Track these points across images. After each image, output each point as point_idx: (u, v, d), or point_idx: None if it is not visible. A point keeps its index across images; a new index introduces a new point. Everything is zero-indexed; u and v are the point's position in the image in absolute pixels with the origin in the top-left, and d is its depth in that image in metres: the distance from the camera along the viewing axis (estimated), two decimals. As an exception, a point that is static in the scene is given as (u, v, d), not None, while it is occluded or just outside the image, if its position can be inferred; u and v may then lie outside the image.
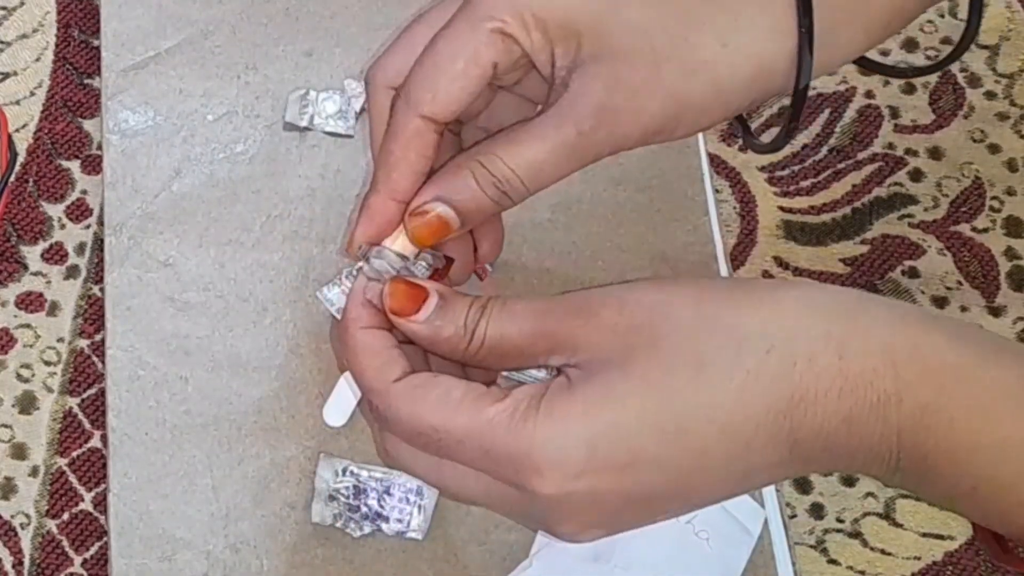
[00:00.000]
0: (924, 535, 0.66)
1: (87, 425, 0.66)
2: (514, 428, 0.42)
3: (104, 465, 0.64)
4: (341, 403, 0.63)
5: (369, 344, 0.46)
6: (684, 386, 0.41)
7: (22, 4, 0.74)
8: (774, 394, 0.41)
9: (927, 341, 0.41)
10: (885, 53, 0.77)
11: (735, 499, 0.57)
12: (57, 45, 0.74)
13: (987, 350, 0.42)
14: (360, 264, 0.49)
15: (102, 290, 0.67)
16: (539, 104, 0.50)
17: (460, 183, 0.46)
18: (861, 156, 0.75)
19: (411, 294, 0.46)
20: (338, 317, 0.52)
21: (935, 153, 0.75)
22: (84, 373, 0.67)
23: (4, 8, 0.74)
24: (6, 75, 0.73)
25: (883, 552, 0.66)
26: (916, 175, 0.75)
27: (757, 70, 0.45)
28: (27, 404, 0.66)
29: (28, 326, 0.68)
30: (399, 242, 0.48)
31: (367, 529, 0.62)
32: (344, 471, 0.63)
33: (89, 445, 0.66)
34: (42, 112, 0.72)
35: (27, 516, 0.65)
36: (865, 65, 0.52)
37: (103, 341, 0.66)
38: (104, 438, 0.64)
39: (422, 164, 0.47)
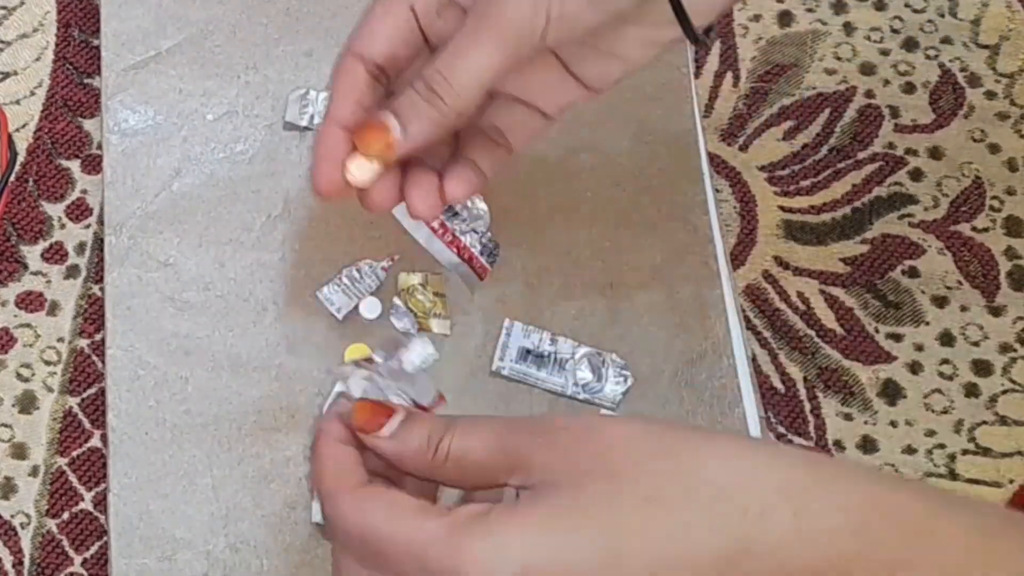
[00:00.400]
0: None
1: (87, 425, 0.66)
2: (451, 543, 0.41)
3: (104, 465, 0.64)
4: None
5: (331, 455, 0.48)
6: (629, 517, 0.41)
7: (22, 4, 0.74)
8: (721, 539, 0.40)
9: (892, 499, 0.41)
10: (885, 53, 0.77)
11: None
12: (57, 45, 0.74)
13: (945, 504, 0.42)
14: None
15: (102, 290, 0.67)
16: (540, 111, 0.56)
17: (406, 97, 0.51)
18: (861, 156, 0.75)
19: (376, 411, 0.48)
20: (339, 317, 0.54)
21: (935, 153, 0.75)
22: (84, 373, 0.67)
23: (4, 8, 0.74)
24: (6, 75, 0.73)
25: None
26: (916, 175, 0.75)
27: None
28: (27, 404, 0.66)
29: (28, 326, 0.68)
30: (356, 162, 0.52)
31: (367, 529, 0.62)
32: (344, 471, 0.63)
33: (89, 445, 0.66)
34: (42, 112, 0.72)
35: (27, 516, 0.65)
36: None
37: (103, 341, 0.66)
38: (104, 438, 0.64)
39: (357, 94, 0.52)
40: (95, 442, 0.66)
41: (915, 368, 0.71)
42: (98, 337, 0.67)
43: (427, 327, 0.66)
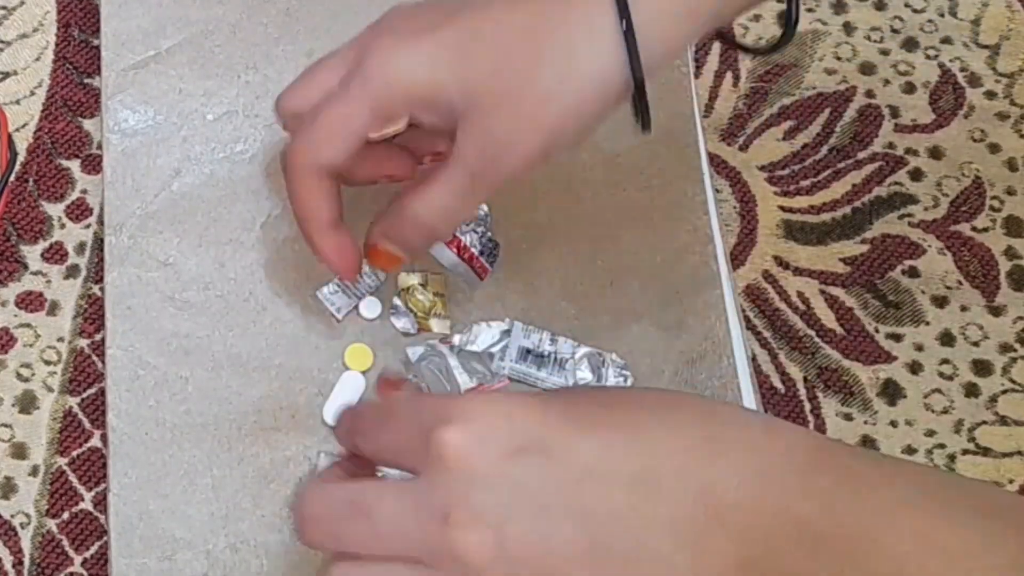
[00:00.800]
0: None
1: (87, 424, 0.66)
2: (449, 400, 0.50)
3: (104, 464, 0.64)
4: (341, 402, 0.64)
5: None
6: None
7: (22, 3, 0.74)
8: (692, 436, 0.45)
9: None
10: (885, 53, 0.77)
11: None
12: (57, 44, 0.74)
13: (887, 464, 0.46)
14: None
15: (102, 289, 0.67)
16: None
17: (393, 221, 0.56)
18: (861, 156, 0.75)
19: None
20: (339, 317, 0.61)
21: (935, 153, 0.75)
22: (84, 372, 0.67)
23: (4, 8, 0.74)
24: (6, 74, 0.73)
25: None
26: (916, 175, 0.75)
27: (599, 83, 0.52)
28: (27, 403, 0.66)
29: (28, 325, 0.68)
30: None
31: (367, 529, 0.62)
32: (344, 471, 0.63)
33: (89, 444, 0.66)
34: (42, 111, 0.72)
35: (27, 515, 0.65)
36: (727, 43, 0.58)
37: (103, 340, 0.66)
38: (104, 437, 0.64)
39: (330, 201, 0.57)
40: (95, 442, 0.66)
41: (915, 368, 0.71)
42: (98, 337, 0.67)
43: (427, 327, 0.66)
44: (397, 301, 0.66)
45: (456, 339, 0.65)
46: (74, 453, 0.66)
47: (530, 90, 0.52)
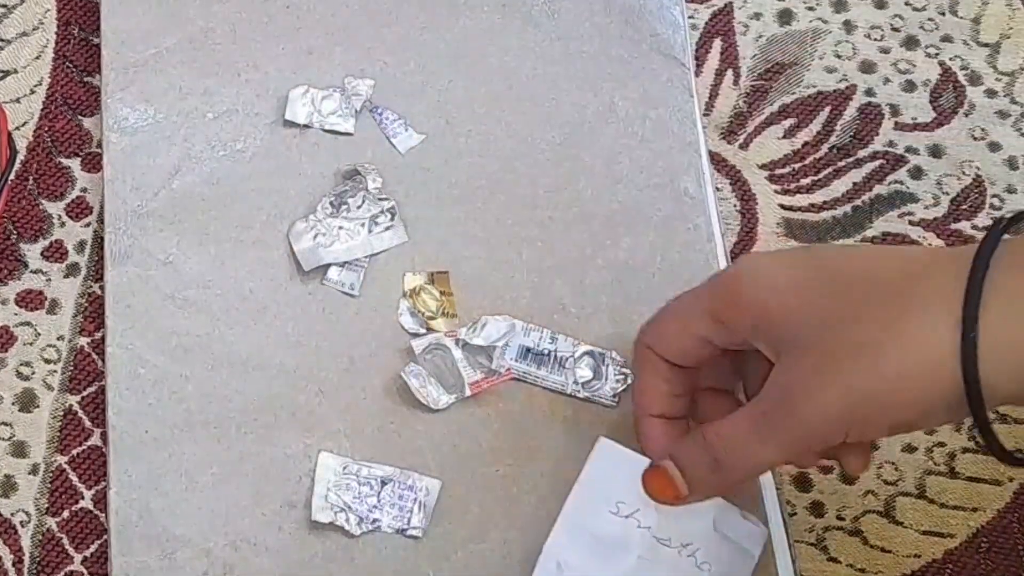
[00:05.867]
0: (924, 533, 0.66)
1: (87, 423, 0.66)
2: None
3: (104, 463, 0.64)
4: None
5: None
6: None
7: (22, 2, 0.74)
8: None
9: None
10: (886, 51, 0.77)
11: (735, 522, 0.59)
12: (57, 43, 0.74)
13: None
14: None
15: (102, 288, 0.67)
16: None
17: (685, 446, 0.53)
18: (862, 154, 0.75)
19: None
20: (355, 293, 0.62)
21: (936, 151, 0.75)
22: (84, 371, 0.67)
23: (4, 6, 0.74)
24: (6, 73, 0.73)
25: (883, 550, 0.66)
26: (916, 173, 0.74)
27: (924, 359, 0.46)
28: (27, 402, 0.66)
29: (28, 324, 0.68)
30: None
31: (367, 527, 0.62)
32: (344, 469, 0.63)
33: (89, 443, 0.66)
34: (42, 110, 0.72)
35: (27, 514, 0.65)
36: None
37: (103, 339, 0.66)
38: (104, 436, 0.64)
39: (661, 389, 0.55)
40: (95, 440, 0.66)
41: (915, 366, 0.71)
42: (98, 335, 0.67)
43: (436, 327, 0.66)
44: (404, 302, 0.66)
45: (461, 332, 0.65)
46: (74, 451, 0.66)
47: (852, 335, 0.47)
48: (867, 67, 0.77)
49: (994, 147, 0.75)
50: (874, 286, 0.48)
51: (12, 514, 0.65)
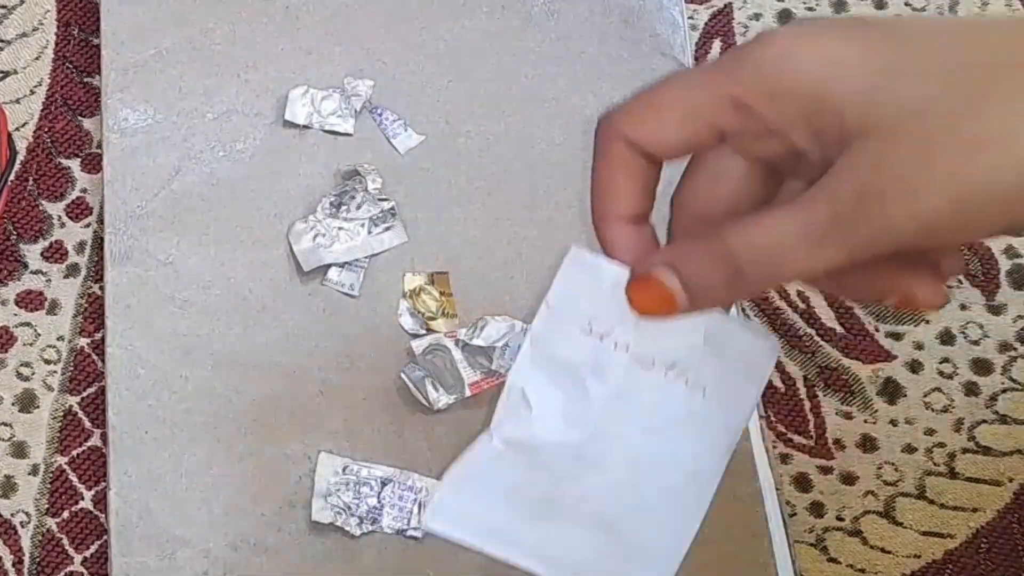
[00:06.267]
0: (924, 533, 0.66)
1: (87, 423, 0.66)
2: None
3: (104, 463, 0.64)
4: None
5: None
6: None
7: (22, 2, 0.74)
8: None
9: None
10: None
11: (735, 334, 0.47)
12: (57, 43, 0.74)
13: None
14: None
15: (102, 288, 0.67)
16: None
17: (692, 251, 0.42)
18: (861, 154, 0.75)
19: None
20: (355, 294, 0.52)
21: (935, 151, 0.75)
22: (84, 371, 0.67)
23: (4, 7, 0.74)
24: (6, 73, 0.73)
25: (883, 550, 0.66)
26: (916, 173, 0.75)
27: None
28: (27, 402, 0.66)
29: (28, 324, 0.68)
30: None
31: (367, 527, 0.62)
32: (344, 469, 0.63)
33: (89, 443, 0.66)
34: (42, 110, 0.72)
35: (27, 514, 0.65)
36: None
37: (103, 339, 0.66)
38: (104, 436, 0.64)
39: (633, 188, 0.45)
40: (95, 441, 0.66)
41: (915, 367, 0.71)
42: (98, 336, 0.67)
43: (436, 327, 0.66)
44: (404, 303, 0.66)
45: (461, 333, 0.65)
46: (74, 452, 0.66)
47: (969, 123, 0.37)
48: (867, 67, 0.77)
49: (994, 147, 0.75)
50: (991, 66, 0.38)
51: (12, 514, 0.65)
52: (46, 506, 0.65)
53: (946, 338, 0.72)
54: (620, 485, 0.46)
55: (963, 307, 0.72)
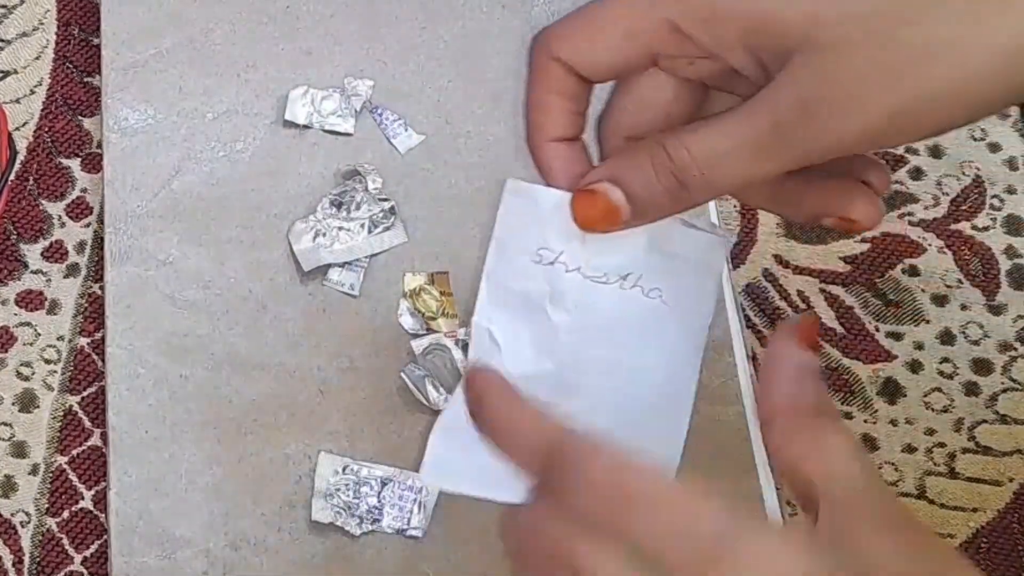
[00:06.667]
0: (924, 533, 0.66)
1: (87, 423, 0.66)
2: (733, 528, 0.35)
3: (104, 463, 0.64)
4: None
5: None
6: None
7: (22, 2, 0.74)
8: None
9: None
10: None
11: (680, 234, 0.46)
12: (57, 43, 0.74)
13: None
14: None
15: (102, 288, 0.67)
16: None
17: (633, 164, 0.42)
18: (861, 154, 0.75)
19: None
20: (355, 294, 0.51)
21: (935, 151, 0.75)
22: (84, 371, 0.67)
23: (4, 6, 0.74)
24: (6, 73, 0.73)
25: (883, 550, 0.66)
26: (916, 173, 0.74)
27: (1009, 51, 0.37)
28: (27, 402, 0.66)
29: (28, 324, 0.68)
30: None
31: (367, 527, 0.62)
32: (344, 469, 0.63)
33: (89, 443, 0.66)
34: (42, 110, 0.72)
35: (27, 514, 0.65)
36: None
37: (103, 339, 0.66)
38: (104, 436, 0.64)
39: (564, 107, 0.44)
40: (95, 440, 0.66)
41: (915, 367, 0.71)
42: (98, 335, 0.67)
43: (436, 327, 0.66)
44: (404, 303, 0.66)
45: (461, 332, 0.65)
46: (74, 452, 0.66)
47: (917, 28, 0.37)
48: (867, 67, 0.77)
49: (994, 147, 0.75)
50: None
51: (12, 514, 0.65)
52: (46, 506, 0.65)
53: (946, 338, 0.72)
54: (602, 404, 0.46)
55: (963, 307, 0.72)
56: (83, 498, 0.65)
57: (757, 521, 0.36)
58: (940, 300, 0.72)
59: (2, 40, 0.74)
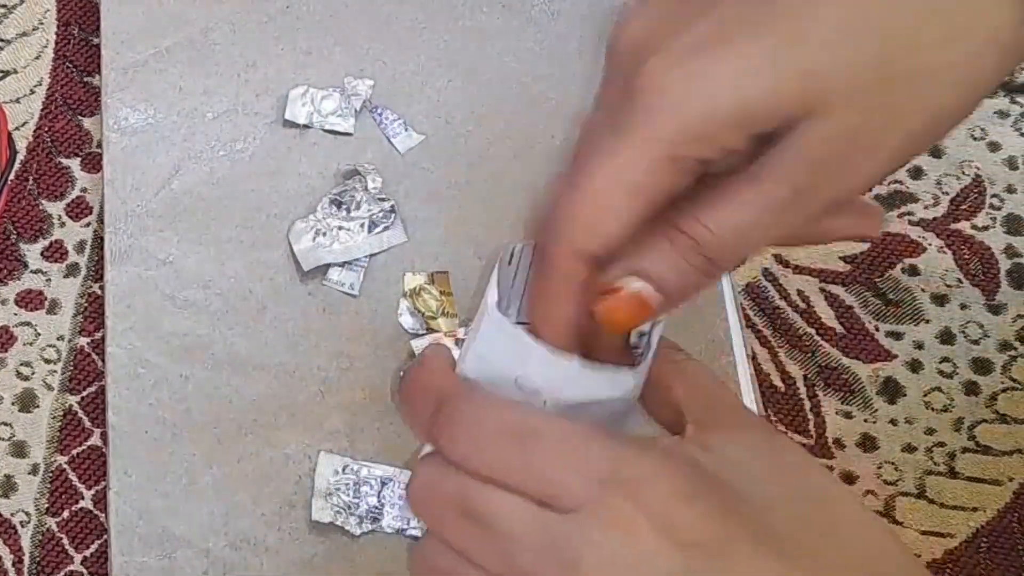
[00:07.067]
0: (924, 533, 0.66)
1: (87, 423, 0.66)
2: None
3: (104, 463, 0.64)
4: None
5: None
6: None
7: (22, 2, 0.74)
8: None
9: None
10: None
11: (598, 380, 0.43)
12: (57, 43, 0.74)
13: None
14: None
15: (102, 288, 0.67)
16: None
17: (653, 252, 0.40)
18: (861, 154, 0.75)
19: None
20: (355, 293, 0.49)
21: (935, 151, 0.75)
22: (84, 371, 0.67)
23: (4, 6, 0.74)
24: (6, 73, 0.73)
25: (883, 550, 0.66)
26: (916, 173, 0.74)
27: (997, 43, 0.38)
28: (27, 402, 0.66)
29: (28, 324, 0.68)
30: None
31: (367, 527, 0.62)
32: (344, 469, 0.63)
33: (89, 443, 0.66)
34: (42, 110, 0.72)
35: (27, 514, 0.65)
36: None
37: (103, 339, 0.66)
38: (104, 436, 0.64)
39: (576, 301, 0.42)
40: (95, 440, 0.66)
41: (915, 366, 0.71)
42: (98, 335, 0.67)
43: (436, 327, 0.66)
44: (404, 302, 0.66)
45: (461, 332, 0.65)
46: (74, 451, 0.66)
47: (904, 64, 0.38)
48: (867, 67, 0.77)
49: (994, 147, 0.75)
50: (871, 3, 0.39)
51: (12, 514, 0.65)
52: (46, 506, 0.65)
53: (946, 338, 0.72)
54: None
55: (963, 307, 0.72)
56: (83, 498, 0.65)
57: (639, 440, 0.38)
58: (940, 300, 0.72)
59: (2, 40, 0.74)
